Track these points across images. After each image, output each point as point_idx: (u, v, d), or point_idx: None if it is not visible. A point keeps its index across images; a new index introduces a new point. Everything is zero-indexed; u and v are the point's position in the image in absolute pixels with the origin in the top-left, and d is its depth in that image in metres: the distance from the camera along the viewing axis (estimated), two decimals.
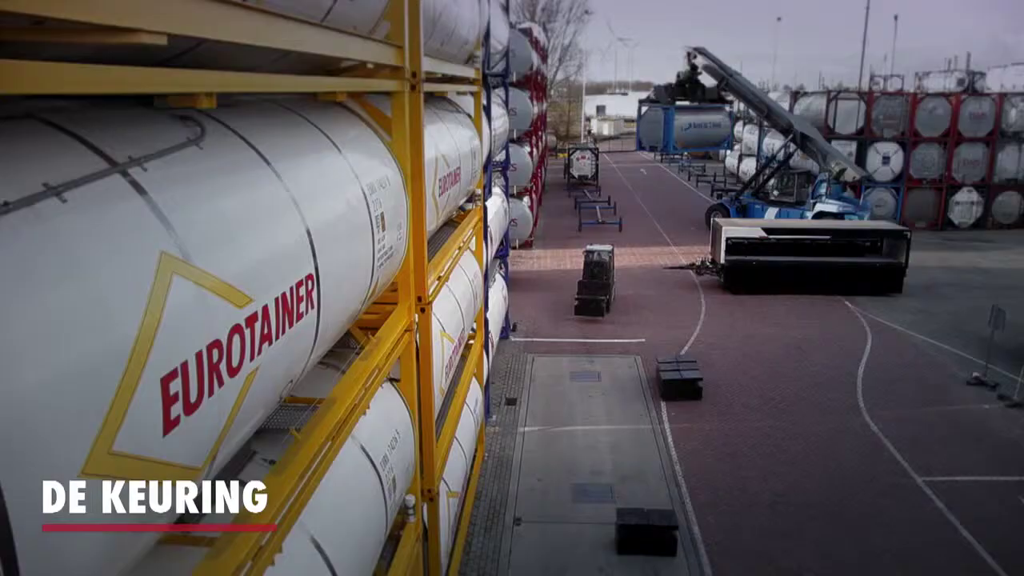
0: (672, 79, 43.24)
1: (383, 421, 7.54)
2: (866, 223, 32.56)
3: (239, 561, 3.97)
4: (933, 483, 15.11)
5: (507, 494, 14.77)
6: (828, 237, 29.36)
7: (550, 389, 19.74)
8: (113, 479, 2.76)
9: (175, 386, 3.14)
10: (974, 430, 17.44)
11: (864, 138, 41.65)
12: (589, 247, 27.41)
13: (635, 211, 46.44)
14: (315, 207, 5.09)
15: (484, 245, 16.21)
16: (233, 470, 5.50)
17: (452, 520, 11.39)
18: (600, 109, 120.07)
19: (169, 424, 3.10)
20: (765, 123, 43.36)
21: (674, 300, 27.79)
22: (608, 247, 27.36)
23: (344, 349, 7.43)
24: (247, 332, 3.87)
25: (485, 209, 16.28)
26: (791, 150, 38.97)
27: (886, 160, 41.43)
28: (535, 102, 39.68)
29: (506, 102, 24.28)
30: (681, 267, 31.78)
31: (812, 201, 36.18)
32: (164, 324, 3.10)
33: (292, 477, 4.71)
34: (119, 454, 2.76)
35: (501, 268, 22.86)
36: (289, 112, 5.91)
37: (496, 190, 21.69)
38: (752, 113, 47.31)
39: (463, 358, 13.89)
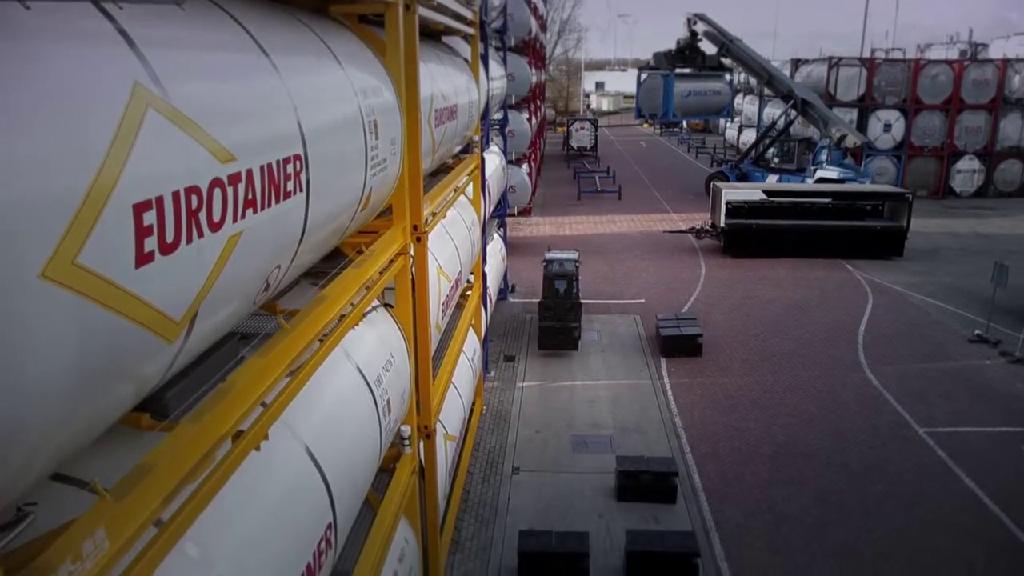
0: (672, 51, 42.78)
1: (377, 342, 7.39)
2: (867, 187, 32.32)
3: (216, 437, 3.80)
4: (935, 434, 15.00)
5: (506, 445, 14.66)
6: (829, 200, 29.10)
7: None
8: (79, 295, 2.56)
9: (149, 218, 2.95)
10: (976, 384, 17.31)
11: (865, 105, 41.26)
12: (548, 255, 20.27)
13: (635, 181, 46.15)
14: (303, 88, 4.90)
15: (482, 197, 16.02)
16: (217, 368, 5.32)
17: (449, 463, 11.28)
18: (599, 85, 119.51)
19: (142, 257, 2.92)
20: (766, 90, 42.95)
21: (674, 263, 27.60)
22: (573, 254, 20.37)
23: (336, 268, 7.26)
24: (229, 191, 3.68)
25: (483, 160, 16.08)
26: (792, 117, 38.64)
27: (887, 127, 41.08)
28: (533, 70, 39.27)
29: (504, 61, 23.93)
30: (680, 231, 31.56)
31: (813, 168, 35.93)
32: (136, 151, 2.91)
33: (278, 364, 4.54)
34: (84, 268, 2.57)
35: (500, 229, 22.67)
36: (280, 11, 5.70)
37: (494, 148, 21.44)
38: (752, 81, 46.92)
39: (460, 307, 13.77)
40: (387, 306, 8.14)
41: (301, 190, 4.67)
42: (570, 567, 10.50)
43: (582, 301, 19.56)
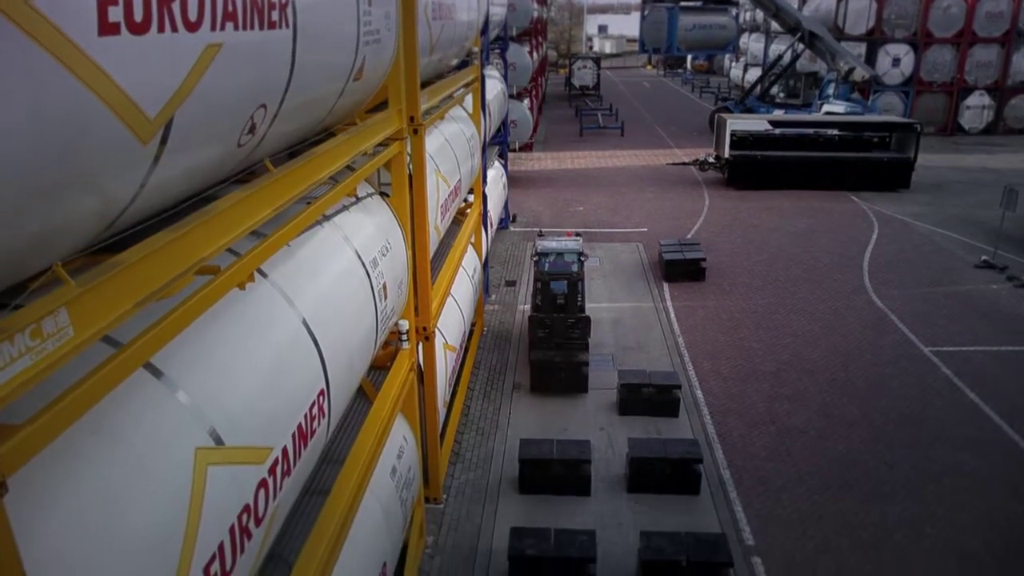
0: None
1: (374, 228, 7.18)
2: (874, 118, 31.73)
3: (193, 257, 3.61)
4: (940, 353, 14.87)
5: (506, 364, 14.55)
6: (835, 132, 28.57)
7: None
8: (32, 39, 2.33)
9: None
10: (982, 307, 17.14)
11: (875, 39, 40.32)
12: (540, 244, 14.47)
13: (638, 119, 45.50)
14: None
15: (482, 115, 15.67)
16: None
17: (449, 372, 11.18)
18: (602, 28, 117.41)
19: (106, 26, 2.67)
20: (772, 25, 41.99)
21: (677, 195, 27.25)
22: (575, 242, 14.56)
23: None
24: None
25: (483, 78, 15.69)
26: (799, 50, 37.81)
27: (896, 62, 40.20)
28: (535, 3, 38.36)
29: None
30: (683, 163, 31.14)
31: (819, 102, 35.23)
32: None
33: (262, 206, 4.32)
34: (35, 9, 2.33)
35: (500, 159, 22.33)
36: None
37: (495, 72, 20.99)
38: (759, 18, 45.84)
39: (459, 223, 13.57)
40: (383, 195, 7.92)
41: (287, 26, 4.40)
42: (571, 472, 10.45)
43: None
